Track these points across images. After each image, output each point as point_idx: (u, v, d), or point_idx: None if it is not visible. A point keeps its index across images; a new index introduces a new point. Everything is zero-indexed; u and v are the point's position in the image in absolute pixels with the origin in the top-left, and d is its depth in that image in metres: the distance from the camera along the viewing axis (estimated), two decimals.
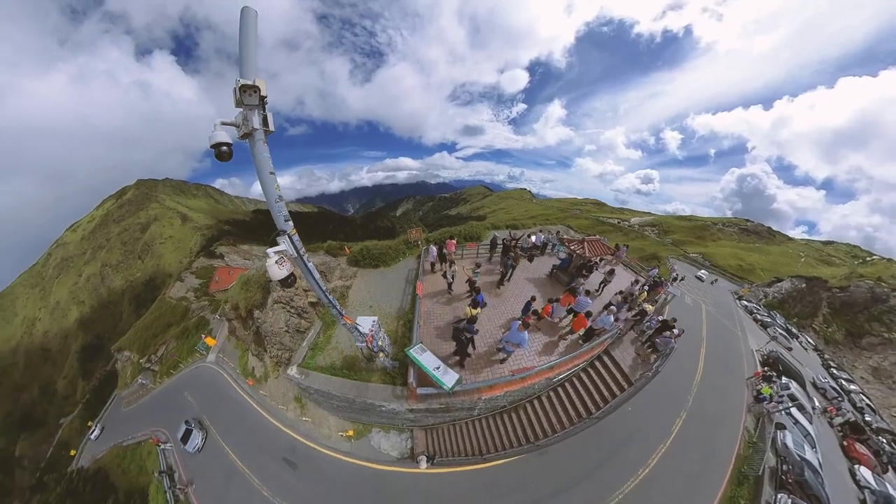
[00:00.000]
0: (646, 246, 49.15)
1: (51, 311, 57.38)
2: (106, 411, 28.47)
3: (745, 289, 32.32)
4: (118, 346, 35.17)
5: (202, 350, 23.94)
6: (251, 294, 16.68)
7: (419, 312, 11.04)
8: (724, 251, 46.08)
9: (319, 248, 18.86)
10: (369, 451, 11.78)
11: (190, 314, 32.34)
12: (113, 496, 17.89)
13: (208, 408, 18.08)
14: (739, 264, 40.70)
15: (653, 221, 68.43)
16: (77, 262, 62.72)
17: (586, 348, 11.09)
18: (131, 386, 28.45)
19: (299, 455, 12.93)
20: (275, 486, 12.24)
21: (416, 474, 10.60)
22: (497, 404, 10.95)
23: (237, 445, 14.93)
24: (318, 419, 13.80)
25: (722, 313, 22.99)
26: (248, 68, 3.26)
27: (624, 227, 65.15)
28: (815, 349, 25.74)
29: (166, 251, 55.40)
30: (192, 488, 14.31)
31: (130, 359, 32.07)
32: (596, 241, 16.58)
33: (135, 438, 20.70)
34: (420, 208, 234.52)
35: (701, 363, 15.31)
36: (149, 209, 66.57)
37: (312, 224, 79.04)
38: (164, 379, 25.14)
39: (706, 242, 53.07)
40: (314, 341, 11.96)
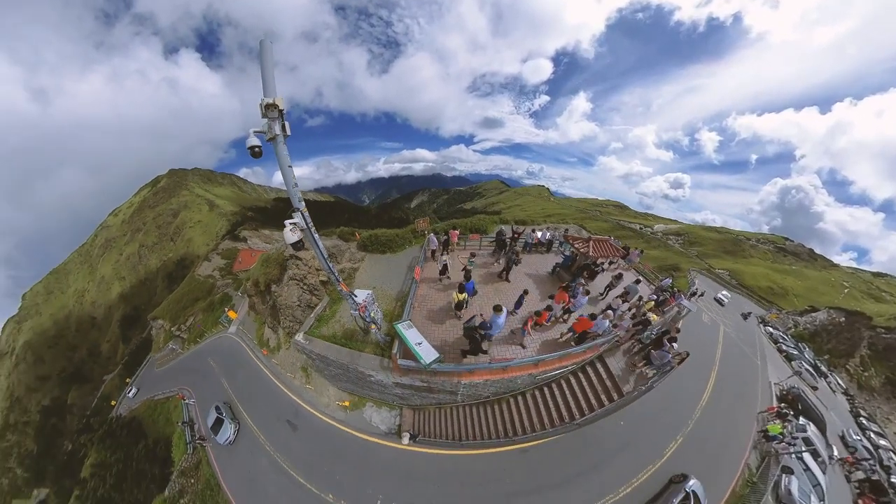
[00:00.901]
0: (667, 256, 46.16)
1: (97, 285, 63.97)
2: (141, 370, 31.70)
3: (773, 314, 28.90)
4: (153, 315, 38.75)
5: (225, 322, 26.12)
6: (270, 270, 18.26)
7: (414, 294, 11.81)
8: (755, 270, 41.70)
9: (332, 232, 20.18)
10: (361, 422, 12.85)
11: (215, 290, 35.15)
12: (143, 441, 20.26)
13: (228, 371, 19.96)
14: (770, 287, 36.70)
15: (678, 230, 62.97)
16: (118, 243, 69.37)
17: (576, 350, 10.80)
18: (163, 350, 31.50)
19: (301, 418, 14.27)
20: (277, 443, 13.64)
21: (399, 450, 11.48)
22: (479, 393, 11.05)
23: (249, 405, 16.55)
24: (319, 388, 15.07)
25: (742, 337, 20.97)
26: (269, 89, 4.15)
27: (646, 233, 60.87)
28: (844, 393, 22.44)
29: (195, 234, 59.96)
30: (210, 443, 15.94)
31: (163, 327, 35.31)
32: (603, 241, 15.54)
33: (164, 394, 23.12)
34: (435, 200, 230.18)
35: (709, 387, 14.22)
36: (180, 196, 72.06)
37: (328, 213, 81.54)
38: (191, 346, 27.72)
39: (736, 258, 48.47)
40: (320, 314, 13.10)
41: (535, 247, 17.14)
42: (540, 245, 17.16)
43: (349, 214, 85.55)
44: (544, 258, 16.72)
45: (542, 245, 17.17)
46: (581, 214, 68.18)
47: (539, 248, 17.22)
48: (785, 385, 17.35)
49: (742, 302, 30.69)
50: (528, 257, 16.31)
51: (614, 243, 16.03)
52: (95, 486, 20.25)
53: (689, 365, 13.93)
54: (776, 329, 26.22)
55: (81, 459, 27.17)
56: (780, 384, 17.40)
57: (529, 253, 16.82)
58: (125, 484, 19.16)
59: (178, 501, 12.69)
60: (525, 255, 16.28)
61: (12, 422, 52.03)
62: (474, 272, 12.81)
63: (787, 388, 17.00)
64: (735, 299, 30.63)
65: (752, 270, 41.18)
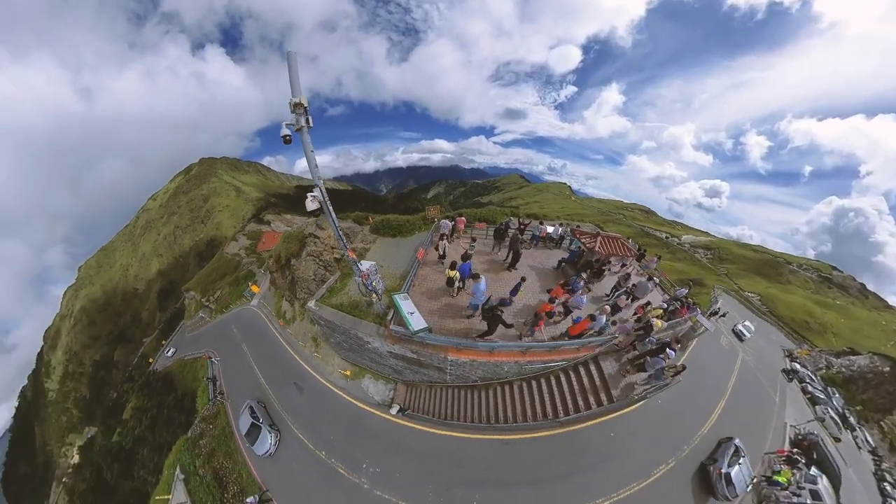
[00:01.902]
0: (692, 270, 41.81)
1: (139, 261, 71.09)
2: (175, 335, 35.02)
3: (804, 350, 25.37)
4: (186, 287, 42.42)
5: (248, 296, 28.32)
6: (291, 245, 19.75)
7: (416, 273, 12.52)
8: (792, 299, 36.50)
9: (348, 216, 21.37)
10: (359, 391, 13.87)
11: (241, 267, 37.96)
12: (174, 393, 22.75)
13: (248, 337, 21.86)
14: (806, 320, 31.93)
15: (708, 243, 56.88)
16: (157, 224, 76.14)
17: (569, 346, 10.39)
18: (193, 318, 34.58)
19: (306, 383, 15.58)
20: (284, 402, 15.06)
21: (389, 422, 12.23)
22: (468, 375, 11.17)
23: (263, 368, 18.18)
24: (326, 357, 16.31)
25: (762, 368, 18.95)
26: (295, 91, 5.15)
27: (672, 243, 55.86)
28: (872, 452, 19.50)
29: (223, 217, 64.63)
30: (228, 402, 17.60)
31: (194, 298, 38.61)
32: (614, 238, 14.66)
33: (193, 355, 25.61)
34: (452, 192, 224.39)
35: (715, 416, 13.15)
36: (210, 183, 77.79)
37: (346, 201, 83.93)
38: (217, 315, 30.34)
39: (770, 282, 42.83)
40: (332, 286, 14.19)
41: (544, 241, 16.68)
42: (549, 240, 16.71)
43: (366, 203, 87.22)
44: (551, 253, 16.27)
45: (552, 240, 16.70)
46: (602, 216, 63.97)
47: (548, 242, 16.78)
48: (802, 429, 15.30)
49: (769, 331, 26.57)
50: (534, 251, 16.08)
51: (627, 243, 15.05)
52: (133, 426, 23.21)
53: (696, 389, 13.53)
54: (804, 367, 22.80)
55: (123, 405, 30.79)
56: (797, 428, 15.43)
57: (536, 247, 16.54)
58: (157, 426, 21.76)
59: (198, 441, 14.36)
60: (532, 249, 16.04)
61: (70, 371, 59.46)
62: (475, 258, 13.29)
63: (804, 432, 14.97)
64: (762, 329, 26.27)
65: (787, 298, 35.95)
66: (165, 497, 12.65)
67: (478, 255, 14.06)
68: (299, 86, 5.10)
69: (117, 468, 23.08)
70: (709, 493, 10.26)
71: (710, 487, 10.22)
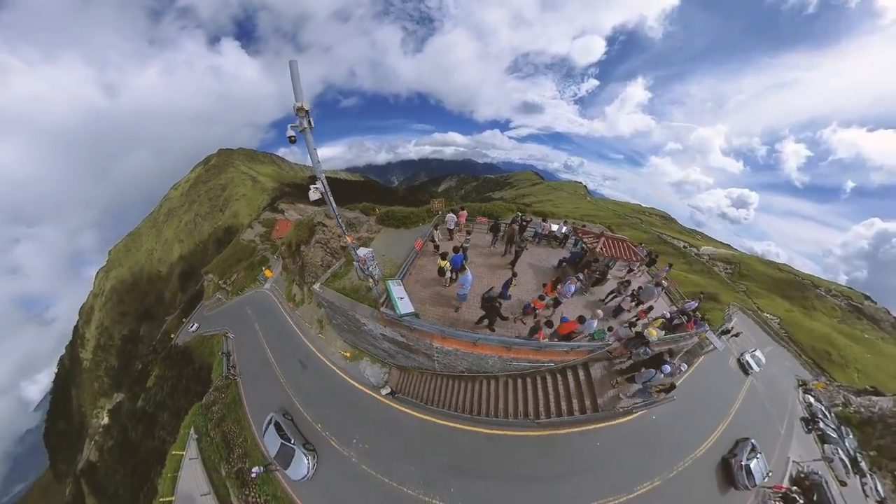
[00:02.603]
0: (708, 283, 38.65)
1: (162, 245, 75.79)
2: (194, 314, 37.35)
3: (820, 382, 23.43)
4: (205, 270, 44.87)
5: (261, 280, 29.91)
6: (301, 233, 20.87)
7: (412, 262, 13.02)
8: (814, 326, 33.47)
9: (356, 207, 22.31)
10: (356, 372, 14.75)
11: (255, 253, 39.83)
12: (192, 365, 24.60)
13: (261, 318, 23.30)
14: (828, 350, 29.21)
15: (729, 257, 52.80)
16: (179, 212, 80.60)
17: (557, 347, 10.21)
18: (211, 299, 36.76)
19: (310, 361, 16.68)
20: (288, 377, 16.22)
21: (381, 403, 12.95)
22: (454, 365, 11.33)
23: (272, 346, 19.45)
24: (329, 338, 17.33)
25: (771, 395, 17.74)
26: (298, 97, 5.71)
27: (690, 253, 51.95)
28: (880, 502, 18.09)
29: (240, 206, 67.59)
30: (241, 377, 18.92)
31: (213, 280, 40.87)
32: (619, 241, 13.89)
33: (210, 332, 27.44)
34: (463, 187, 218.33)
35: (712, 440, 12.57)
36: (227, 173, 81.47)
37: (357, 192, 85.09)
38: (233, 297, 32.22)
39: (793, 305, 39.32)
40: (336, 271, 15.07)
41: (547, 239, 16.17)
42: (553, 238, 16.11)
43: (377, 194, 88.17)
44: (554, 252, 15.68)
45: (556, 238, 16.07)
46: (618, 219, 61.18)
47: (552, 241, 16.20)
48: (805, 468, 14.38)
49: (784, 357, 23.99)
50: (537, 249, 15.67)
51: (634, 247, 14.23)
52: (155, 393, 25.35)
53: (696, 409, 13.32)
54: (818, 401, 21.08)
55: (147, 374, 33.44)
56: (801, 465, 14.49)
57: (539, 245, 16.06)
58: (176, 394, 23.72)
59: (211, 408, 15.71)
60: (534, 247, 15.64)
61: (102, 343, 64.49)
62: (473, 251, 13.70)
63: (806, 471, 14.13)
64: (777, 354, 23.39)
65: (809, 325, 32.94)
66: (180, 453, 14.03)
67: (475, 248, 14.42)
68: (301, 91, 5.66)
69: (141, 429, 25.41)
70: (729, 483, 11.28)
71: (731, 478, 11.33)
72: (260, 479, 11.45)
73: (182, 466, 13.65)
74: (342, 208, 26.00)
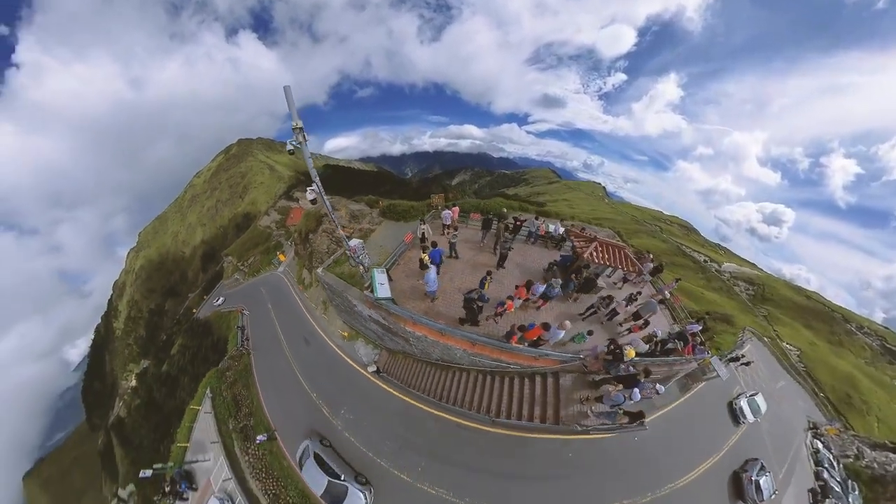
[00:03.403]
0: (724, 303, 35.02)
1: (186, 229, 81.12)
2: (214, 292, 40.38)
3: (833, 428, 20.88)
4: (225, 252, 48.06)
5: (276, 263, 32.16)
6: (309, 223, 22.59)
7: (401, 254, 13.45)
8: (838, 364, 29.87)
9: (362, 199, 23.78)
10: (351, 351, 16.19)
11: (271, 238, 42.37)
12: (210, 337, 27.14)
13: (273, 298, 25.38)
14: (849, 393, 26.13)
15: (752, 277, 47.42)
16: (201, 198, 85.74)
17: (525, 352, 10.09)
18: (230, 279, 39.63)
19: (313, 338, 18.38)
20: (294, 351, 18.00)
21: (369, 380, 14.20)
22: (429, 351, 11.88)
23: (282, 323, 21.38)
24: (331, 319, 18.96)
25: (774, 434, 15.77)
26: (293, 118, 7.11)
27: (710, 269, 47.13)
28: None
29: (258, 193, 71.20)
30: (254, 352, 20.75)
31: (231, 262, 43.82)
32: (615, 248, 12.98)
33: (228, 309, 29.94)
34: (477, 181, 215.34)
35: (697, 472, 11.83)
36: (247, 162, 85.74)
37: (371, 182, 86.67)
38: (249, 278, 34.74)
39: (818, 338, 35.32)
40: (338, 258, 16.51)
41: (544, 240, 15.66)
42: (550, 239, 15.58)
43: (391, 186, 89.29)
44: (548, 253, 15.07)
45: (552, 239, 15.54)
46: (635, 225, 56.81)
47: (549, 242, 15.68)
48: None
49: (797, 394, 21.35)
50: (531, 249, 15.30)
51: (642, 256, 13.39)
52: (178, 360, 28.17)
53: (687, 438, 12.55)
54: (827, 448, 19.06)
55: (171, 344, 36.83)
56: None
57: (535, 245, 15.68)
58: (196, 361, 26.34)
59: (225, 373, 17.74)
60: (529, 247, 15.41)
61: (132, 315, 70.42)
62: (463, 246, 14.56)
63: None
64: (790, 390, 20.80)
65: (833, 362, 29.85)
66: (197, 407, 16.09)
67: (467, 243, 15.17)
68: (296, 113, 6.99)
69: (164, 390, 28.39)
70: (738, 497, 11.73)
71: (741, 492, 11.80)
72: (263, 446, 12.89)
73: (197, 419, 15.72)
74: (349, 200, 27.66)
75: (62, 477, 58.21)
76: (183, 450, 14.69)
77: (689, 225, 78.38)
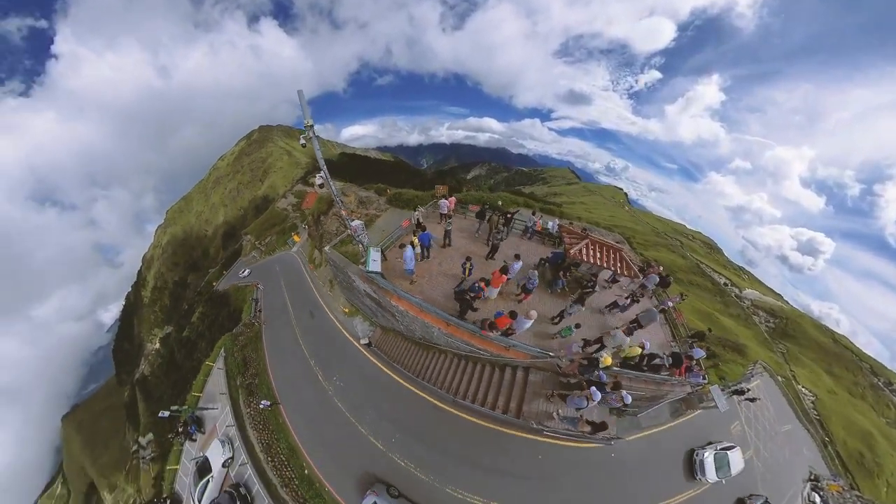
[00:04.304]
0: (738, 331, 31.86)
1: (210, 209, 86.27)
2: (233, 267, 43.06)
3: (836, 485, 18.98)
4: (245, 231, 50.82)
5: (290, 243, 34.03)
6: (321, 205, 24.03)
7: (398, 237, 14.53)
8: (856, 418, 27.19)
9: (371, 187, 24.95)
10: (350, 326, 17.50)
11: (287, 220, 44.56)
12: (227, 308, 29.40)
13: (286, 274, 27.19)
14: (862, 452, 23.79)
15: (776, 308, 42.82)
16: (224, 181, 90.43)
17: (495, 340, 10.20)
18: (248, 256, 42.12)
19: (318, 312, 19.88)
20: (299, 322, 19.65)
21: (361, 353, 15.35)
22: (412, 329, 12.46)
23: (291, 297, 23.03)
24: (335, 296, 20.36)
25: (768, 479, 14.92)
26: (305, 116, 8.22)
27: (729, 293, 43.43)
28: None
29: (277, 178, 74.64)
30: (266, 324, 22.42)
31: (250, 240, 46.36)
32: (609, 248, 12.25)
33: (244, 283, 32.17)
34: (493, 176, 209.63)
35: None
36: (267, 147, 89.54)
37: (387, 171, 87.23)
38: (266, 256, 36.94)
39: (839, 387, 31.71)
40: (344, 238, 17.74)
41: (541, 236, 15.52)
42: (547, 236, 15.46)
43: (406, 175, 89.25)
44: (544, 250, 14.93)
45: (549, 236, 15.44)
46: (654, 237, 52.27)
47: (546, 239, 15.58)
48: None
49: (803, 442, 19.68)
50: (526, 244, 15.28)
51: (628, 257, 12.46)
52: (197, 326, 30.70)
53: (670, 466, 12.01)
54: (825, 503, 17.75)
55: (192, 312, 39.85)
56: None
57: (531, 240, 15.64)
58: (213, 328, 28.71)
59: (238, 337, 19.52)
60: (524, 242, 15.44)
61: (158, 286, 76.09)
62: (457, 234, 15.30)
63: None
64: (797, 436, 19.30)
65: (851, 415, 27.21)
66: (211, 364, 17.94)
67: (461, 232, 15.75)
68: (308, 113, 8.20)
69: (183, 352, 31.07)
70: None
71: None
72: (267, 411, 14.14)
73: (211, 374, 17.55)
74: (359, 187, 28.90)
75: (93, 422, 64.76)
76: (196, 398, 16.55)
77: (712, 243, 70.55)
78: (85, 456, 58.10)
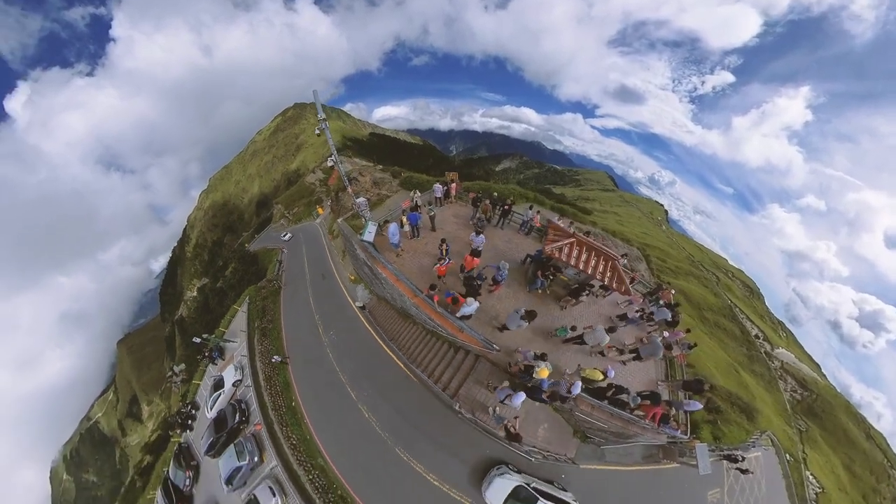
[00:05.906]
0: (759, 393, 27.01)
1: (246, 178, 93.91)
2: (264, 232, 47.67)
3: None
4: (276, 201, 55.28)
5: (315, 215, 37.16)
6: (340, 183, 26.31)
7: (396, 215, 15.49)
8: None
9: (388, 169, 26.90)
10: (353, 291, 19.58)
11: (314, 194, 48.03)
12: (256, 266, 33.35)
13: (307, 242, 30.24)
14: None
15: (807, 379, 36.69)
16: (260, 154, 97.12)
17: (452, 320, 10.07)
18: (277, 223, 46.32)
19: (329, 276, 22.40)
20: (312, 282, 22.34)
21: (357, 317, 17.12)
22: (394, 297, 13.09)
23: (309, 260, 25.94)
24: (346, 264, 22.79)
25: None
26: (319, 111, 10.38)
27: (759, 347, 37.38)
28: None
29: (307, 154, 78.71)
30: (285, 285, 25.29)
31: (280, 210, 50.59)
32: (600, 253, 10.98)
33: (272, 246, 35.93)
34: (524, 171, 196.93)
35: None
36: (300, 124, 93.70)
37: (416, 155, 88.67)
38: (293, 224, 40.58)
39: (854, 487, 27.14)
40: (356, 213, 19.92)
41: (539, 232, 15.02)
42: (545, 233, 13.84)
43: (433, 160, 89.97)
44: (536, 245, 14.19)
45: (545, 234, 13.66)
46: (688, 265, 45.14)
47: (543, 237, 14.03)
48: None
49: None
50: (522, 239, 15.09)
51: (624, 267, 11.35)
52: (229, 279, 35.10)
53: None
54: None
55: (226, 267, 45.13)
56: None
57: (528, 235, 15.31)
58: (243, 282, 32.89)
59: (261, 289, 22.68)
60: (520, 237, 15.16)
61: (199, 243, 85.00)
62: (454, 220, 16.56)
63: None
64: None
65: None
66: (237, 307, 21.24)
67: (456, 218, 16.65)
68: (321, 108, 10.16)
69: (216, 300, 35.89)
70: None
71: None
72: (278, 365, 15.63)
73: (236, 316, 20.82)
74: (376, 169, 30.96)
75: (140, 348, 78.34)
76: (223, 332, 19.94)
77: (754, 286, 60.25)
78: (132, 374, 72.01)
